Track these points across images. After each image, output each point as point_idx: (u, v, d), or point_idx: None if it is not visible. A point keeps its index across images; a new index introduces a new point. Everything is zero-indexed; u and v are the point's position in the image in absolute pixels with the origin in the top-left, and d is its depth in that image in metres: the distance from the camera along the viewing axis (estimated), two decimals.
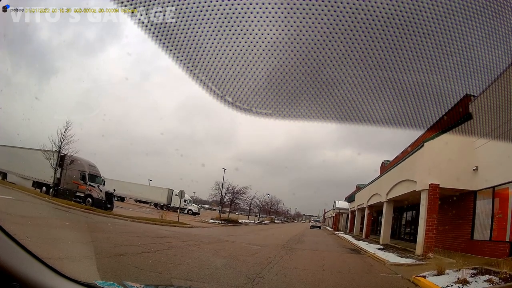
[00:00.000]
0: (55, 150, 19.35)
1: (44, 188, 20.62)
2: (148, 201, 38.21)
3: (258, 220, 50.94)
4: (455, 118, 3.61)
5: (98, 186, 20.11)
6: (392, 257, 11.37)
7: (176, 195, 37.77)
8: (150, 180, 39.19)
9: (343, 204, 45.51)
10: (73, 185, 20.17)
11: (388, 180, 19.05)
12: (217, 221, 27.89)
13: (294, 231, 32.19)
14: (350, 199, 39.13)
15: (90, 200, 19.37)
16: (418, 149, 13.65)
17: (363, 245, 17.40)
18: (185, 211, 37.57)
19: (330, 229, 54.20)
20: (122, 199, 38.11)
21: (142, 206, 37.48)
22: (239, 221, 36.73)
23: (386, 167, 30.34)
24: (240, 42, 2.52)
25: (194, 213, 38.05)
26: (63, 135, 19.00)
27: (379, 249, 14.85)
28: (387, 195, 19.06)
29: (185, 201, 38.13)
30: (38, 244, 5.15)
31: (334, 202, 50.52)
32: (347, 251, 14.97)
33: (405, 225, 24.38)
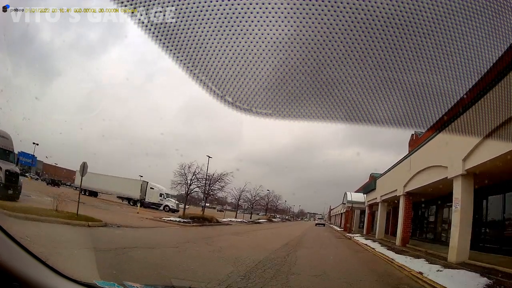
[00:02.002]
0: None
1: None
2: (120, 195, 31.43)
3: (250, 218, 42.04)
4: None
5: None
6: None
7: (151, 188, 30.47)
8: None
9: (357, 197, 34.45)
10: None
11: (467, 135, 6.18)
12: (178, 219, 21.33)
13: (288, 235, 22.75)
14: (367, 189, 29.47)
15: None
16: None
17: (429, 272, 8.10)
18: (161, 207, 30.94)
19: (339, 229, 42.19)
20: (94, 194, 32.18)
21: (106, 202, 28.80)
22: (220, 220, 28.90)
23: (420, 138, 18.64)
24: (240, 42, 2.52)
25: (172, 210, 30.88)
26: None
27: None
28: (465, 161, 9.47)
29: (160, 195, 31.45)
30: None
31: (345, 194, 38.43)
32: None
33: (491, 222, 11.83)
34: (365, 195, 31.54)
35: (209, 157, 29.44)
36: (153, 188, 31.38)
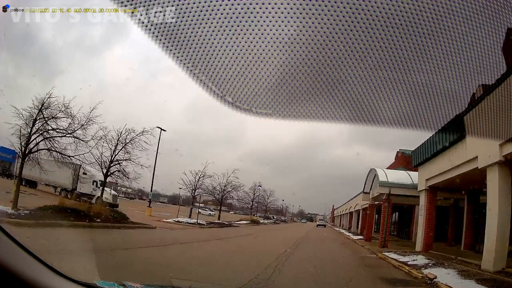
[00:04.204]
0: None
1: None
2: (54, 184, 24.05)
3: (219, 218, 29.42)
4: None
5: None
6: None
7: (84, 173, 21.66)
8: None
9: (397, 177, 17.63)
10: None
11: None
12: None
13: None
14: (424, 153, 14.02)
15: None
16: None
17: None
18: (93, 200, 21.64)
19: (355, 237, 25.41)
20: (34, 184, 25.20)
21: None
22: (163, 221, 20.36)
23: None
24: (240, 42, 2.52)
25: (107, 204, 20.93)
26: None
27: None
28: None
29: (94, 183, 22.70)
30: None
31: (371, 172, 20.63)
32: None
33: None
34: (415, 168, 16.06)
35: (162, 129, 22.18)
36: (85, 174, 21.99)
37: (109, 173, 17.28)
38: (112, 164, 17.05)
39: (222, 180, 28.20)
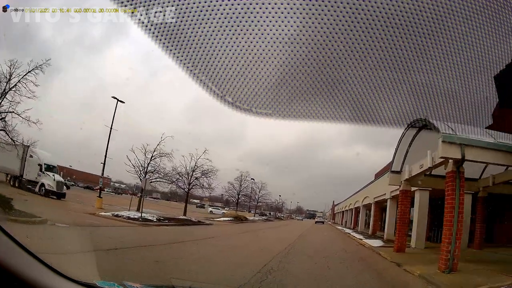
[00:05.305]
0: None
1: None
2: (4, 171, 19.90)
3: (184, 213, 20.37)
4: None
5: None
6: None
7: (30, 156, 18.75)
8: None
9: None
10: None
11: None
12: None
13: None
14: None
15: None
16: None
17: None
18: (36, 188, 18.78)
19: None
20: None
21: None
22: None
23: None
24: (240, 42, 2.52)
25: (51, 192, 18.21)
26: None
27: None
28: None
29: (39, 166, 19.43)
30: None
31: (408, 133, 7.82)
32: None
33: None
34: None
35: (118, 100, 16.95)
36: (32, 157, 19.38)
37: None
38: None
39: (190, 163, 20.56)
